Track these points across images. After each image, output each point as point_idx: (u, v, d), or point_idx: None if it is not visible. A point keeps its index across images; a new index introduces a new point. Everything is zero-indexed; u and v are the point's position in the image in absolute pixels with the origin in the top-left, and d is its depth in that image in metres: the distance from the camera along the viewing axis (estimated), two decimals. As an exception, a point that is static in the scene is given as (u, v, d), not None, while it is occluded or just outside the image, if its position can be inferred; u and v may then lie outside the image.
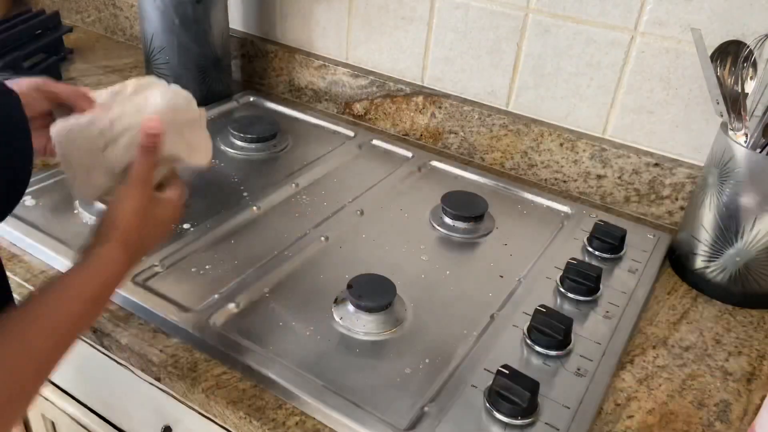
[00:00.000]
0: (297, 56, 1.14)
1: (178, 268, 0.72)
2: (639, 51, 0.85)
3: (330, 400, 0.57)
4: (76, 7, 1.43)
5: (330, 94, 1.14)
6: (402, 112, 1.07)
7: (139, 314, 0.66)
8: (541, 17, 0.90)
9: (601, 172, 0.92)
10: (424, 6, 0.99)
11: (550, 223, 0.87)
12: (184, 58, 1.03)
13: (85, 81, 1.15)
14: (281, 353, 0.62)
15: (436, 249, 0.80)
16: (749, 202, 0.71)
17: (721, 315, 0.74)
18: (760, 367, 0.67)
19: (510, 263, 0.78)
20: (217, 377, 0.60)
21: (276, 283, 0.71)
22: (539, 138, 0.95)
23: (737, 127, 0.73)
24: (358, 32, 1.08)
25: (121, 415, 0.76)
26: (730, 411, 0.62)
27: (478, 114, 1.00)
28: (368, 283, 0.68)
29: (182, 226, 0.79)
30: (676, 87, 0.85)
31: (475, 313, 0.70)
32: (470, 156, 1.03)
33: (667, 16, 0.82)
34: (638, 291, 0.74)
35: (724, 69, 0.75)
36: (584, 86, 0.91)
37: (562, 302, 0.72)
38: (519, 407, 0.56)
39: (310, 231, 0.80)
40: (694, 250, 0.77)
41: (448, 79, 1.02)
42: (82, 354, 0.73)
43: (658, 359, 0.67)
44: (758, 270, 0.73)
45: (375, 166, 0.98)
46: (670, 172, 0.87)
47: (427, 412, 0.57)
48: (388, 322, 0.67)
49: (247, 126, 1.00)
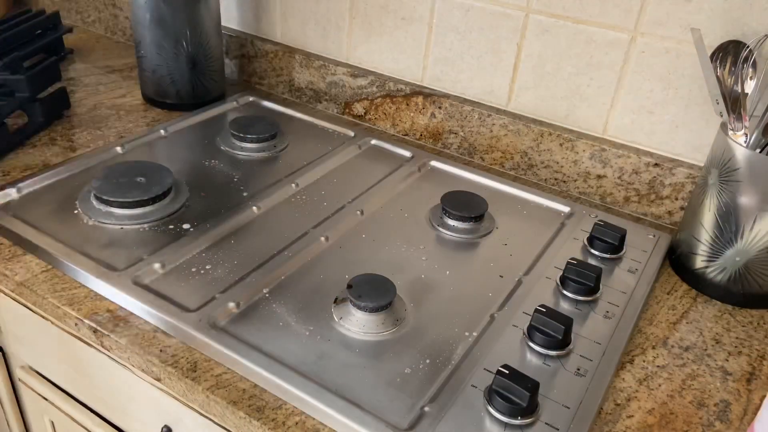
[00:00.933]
0: (297, 56, 1.14)
1: (178, 268, 0.73)
2: (639, 51, 0.85)
3: (330, 400, 0.57)
4: (76, 7, 1.43)
5: (330, 94, 1.14)
6: (402, 112, 1.07)
7: (139, 314, 0.66)
8: (541, 17, 0.91)
9: (601, 172, 0.92)
10: (424, 6, 0.99)
11: (550, 223, 0.87)
12: (175, 56, 1.03)
13: (85, 81, 1.16)
14: (281, 353, 0.62)
15: (436, 249, 0.80)
16: (749, 202, 0.71)
17: (721, 315, 0.74)
18: (760, 367, 0.67)
19: (510, 263, 0.78)
20: (217, 377, 0.60)
21: (276, 283, 0.72)
22: (539, 138, 0.96)
23: (737, 127, 0.73)
24: (358, 32, 1.08)
25: (121, 415, 0.76)
26: (730, 411, 0.62)
27: (478, 114, 1.00)
28: (368, 283, 0.68)
29: (182, 226, 0.79)
30: (676, 87, 0.85)
31: (475, 313, 0.70)
32: (470, 156, 1.03)
33: (667, 16, 0.82)
34: (638, 291, 0.74)
35: (724, 69, 0.75)
36: (584, 86, 0.91)
37: (562, 302, 0.72)
38: (519, 407, 0.56)
39: (310, 231, 0.80)
40: (693, 250, 0.78)
41: (448, 79, 1.02)
42: (82, 354, 0.73)
43: (658, 359, 0.67)
44: (758, 270, 0.73)
45: (375, 166, 0.98)
46: (670, 172, 0.87)
47: (427, 412, 0.57)
48: (387, 322, 0.67)
49: (247, 126, 1.00)
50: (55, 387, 0.83)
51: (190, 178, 0.89)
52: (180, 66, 1.05)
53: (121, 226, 0.78)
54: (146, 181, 0.82)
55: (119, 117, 1.05)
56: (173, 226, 0.79)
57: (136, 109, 1.08)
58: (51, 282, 0.70)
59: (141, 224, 0.79)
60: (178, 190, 0.85)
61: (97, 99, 1.10)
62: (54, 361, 0.79)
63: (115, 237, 0.76)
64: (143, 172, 0.84)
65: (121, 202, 0.79)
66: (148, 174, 0.84)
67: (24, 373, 0.86)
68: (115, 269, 0.71)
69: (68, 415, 0.83)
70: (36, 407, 0.88)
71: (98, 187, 0.81)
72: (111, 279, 0.69)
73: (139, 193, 0.80)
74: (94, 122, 1.02)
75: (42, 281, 0.70)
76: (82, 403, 0.81)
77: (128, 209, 0.80)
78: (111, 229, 0.78)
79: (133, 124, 1.03)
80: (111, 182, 0.82)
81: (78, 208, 0.80)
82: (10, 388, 0.90)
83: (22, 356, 0.85)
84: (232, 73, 1.24)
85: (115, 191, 0.80)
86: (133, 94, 1.12)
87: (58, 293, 0.68)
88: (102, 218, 0.79)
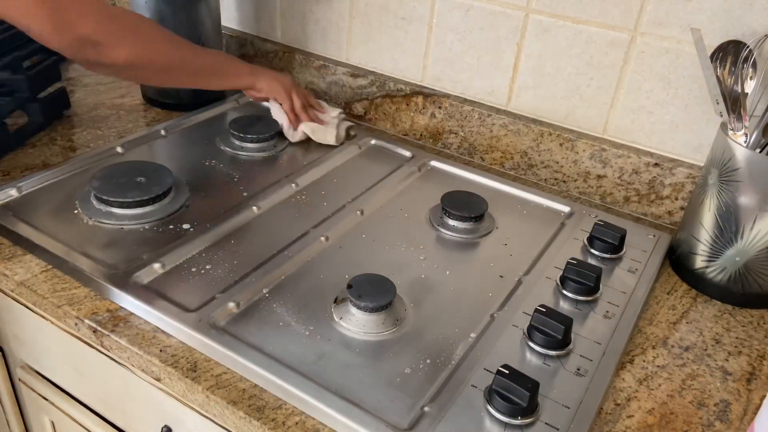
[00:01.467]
0: (297, 56, 1.14)
1: (178, 268, 0.72)
2: (639, 51, 0.85)
3: (330, 400, 0.57)
4: (76, 7, 1.42)
5: (330, 94, 1.14)
6: (402, 112, 1.07)
7: (139, 314, 0.66)
8: (541, 17, 0.91)
9: (601, 172, 0.92)
10: (424, 6, 0.99)
11: (550, 223, 0.87)
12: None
13: (85, 81, 1.16)
14: (281, 353, 0.62)
15: (436, 249, 0.80)
16: (749, 202, 0.71)
17: (721, 315, 0.74)
18: (760, 367, 0.67)
19: (510, 263, 0.78)
20: (217, 377, 0.60)
21: (276, 283, 0.71)
22: (539, 138, 0.96)
23: (737, 127, 0.73)
24: (358, 32, 1.08)
25: (121, 415, 0.76)
26: (730, 411, 0.62)
27: (478, 114, 1.00)
28: (368, 283, 0.68)
29: (182, 226, 0.79)
30: (676, 87, 0.85)
31: (475, 313, 0.70)
32: (470, 156, 1.03)
33: (667, 16, 0.82)
34: (638, 291, 0.74)
35: (724, 69, 0.75)
36: (584, 86, 0.91)
37: (562, 302, 0.72)
38: (519, 407, 0.56)
39: (310, 231, 0.80)
40: (693, 250, 0.78)
41: (448, 79, 1.02)
42: (82, 354, 0.73)
43: (658, 359, 0.67)
44: (758, 270, 0.73)
45: (375, 166, 0.98)
46: (670, 172, 0.87)
47: (427, 412, 0.57)
48: (387, 322, 0.67)
49: (247, 126, 1.00)
50: (55, 387, 0.83)
51: (190, 178, 0.89)
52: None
53: (121, 226, 0.78)
54: (146, 181, 0.82)
55: (119, 117, 1.05)
56: (173, 226, 0.79)
57: (136, 109, 1.08)
58: (51, 282, 0.70)
59: (141, 224, 0.79)
60: (178, 190, 0.85)
61: (97, 99, 1.10)
62: (54, 361, 0.79)
63: (115, 237, 0.76)
64: (143, 172, 0.84)
65: (121, 202, 0.79)
66: (148, 174, 0.84)
67: (24, 373, 0.86)
68: (115, 269, 0.71)
69: (68, 415, 0.83)
70: (36, 407, 0.88)
71: (98, 187, 0.81)
72: (111, 279, 0.69)
73: (139, 193, 0.80)
74: (94, 122, 1.02)
75: (42, 281, 0.70)
76: (82, 402, 0.81)
77: (128, 209, 0.80)
78: (111, 229, 0.78)
79: (133, 124, 1.03)
80: (111, 182, 0.82)
81: (78, 208, 0.80)
82: (10, 388, 0.90)
83: (22, 356, 0.85)
84: (232, 73, 1.24)
85: (115, 191, 0.80)
86: (133, 94, 1.12)
87: (58, 293, 0.68)
88: (102, 218, 0.79)
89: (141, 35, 0.78)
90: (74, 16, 0.69)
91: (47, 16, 0.68)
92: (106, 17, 0.72)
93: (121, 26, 0.75)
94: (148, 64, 0.79)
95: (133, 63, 0.76)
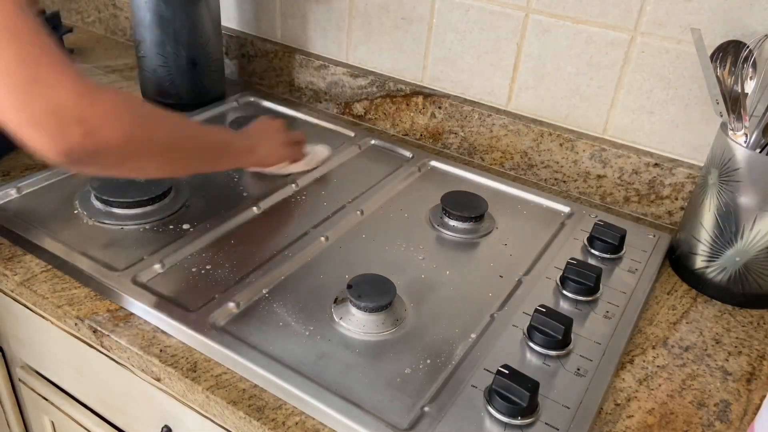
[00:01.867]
0: (297, 56, 1.14)
1: (178, 268, 0.72)
2: (639, 51, 0.85)
3: (330, 400, 0.57)
4: (77, 7, 1.43)
5: (330, 94, 1.14)
6: (402, 112, 1.07)
7: (138, 314, 0.66)
8: (541, 17, 0.91)
9: (601, 172, 0.92)
10: (424, 6, 0.99)
11: (550, 223, 0.87)
12: (176, 56, 1.03)
13: (85, 81, 1.15)
14: (281, 353, 0.62)
15: (436, 249, 0.80)
16: (749, 202, 0.71)
17: (721, 315, 0.74)
18: (760, 367, 0.67)
19: (510, 263, 0.78)
20: (217, 377, 0.60)
21: (276, 283, 0.71)
22: (539, 138, 0.96)
23: (737, 127, 0.73)
24: (358, 32, 1.08)
25: (121, 415, 0.76)
26: (730, 411, 0.62)
27: (478, 114, 1.00)
28: (368, 283, 0.68)
29: (182, 226, 0.79)
30: (676, 87, 0.85)
31: (475, 313, 0.70)
32: (470, 156, 1.03)
33: (667, 16, 0.82)
34: (638, 291, 0.74)
35: (724, 69, 0.75)
36: (584, 86, 0.91)
37: (562, 302, 0.72)
38: (519, 407, 0.56)
39: (310, 231, 0.80)
40: (693, 250, 0.77)
41: (448, 79, 1.02)
42: (82, 354, 0.73)
43: (658, 359, 0.67)
44: (758, 270, 0.73)
45: (375, 166, 0.98)
46: (670, 172, 0.87)
47: (427, 412, 0.57)
48: (387, 322, 0.67)
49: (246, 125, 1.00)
50: (55, 387, 0.83)
51: (190, 178, 0.89)
52: (180, 66, 1.05)
53: (121, 226, 0.78)
54: (146, 181, 0.82)
55: (119, 117, 1.04)
56: (173, 226, 0.79)
57: (136, 109, 1.08)
58: (51, 282, 0.70)
59: (141, 224, 0.79)
60: (178, 190, 0.85)
61: (97, 99, 1.10)
62: (54, 361, 0.79)
63: (115, 237, 0.76)
64: (143, 172, 0.84)
65: (121, 202, 0.79)
66: (148, 174, 0.84)
67: (24, 373, 0.86)
68: (115, 269, 0.71)
69: (68, 415, 0.83)
70: (36, 407, 0.88)
71: (98, 187, 0.81)
72: (111, 279, 0.69)
73: (139, 193, 0.80)
74: (94, 122, 1.02)
75: (42, 281, 0.70)
76: (82, 403, 0.81)
77: (128, 209, 0.80)
78: (111, 229, 0.78)
79: (133, 124, 1.03)
80: (111, 182, 0.82)
81: (78, 208, 0.80)
82: (10, 388, 0.90)
83: (22, 356, 0.85)
84: (232, 73, 1.24)
85: (115, 191, 0.80)
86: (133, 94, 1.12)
87: (58, 293, 0.68)
88: (102, 218, 0.79)
89: (132, 107, 0.61)
90: (45, 86, 0.52)
91: (12, 87, 0.50)
92: (85, 87, 0.54)
93: (108, 97, 0.57)
94: (148, 140, 0.62)
95: (130, 141, 0.58)
